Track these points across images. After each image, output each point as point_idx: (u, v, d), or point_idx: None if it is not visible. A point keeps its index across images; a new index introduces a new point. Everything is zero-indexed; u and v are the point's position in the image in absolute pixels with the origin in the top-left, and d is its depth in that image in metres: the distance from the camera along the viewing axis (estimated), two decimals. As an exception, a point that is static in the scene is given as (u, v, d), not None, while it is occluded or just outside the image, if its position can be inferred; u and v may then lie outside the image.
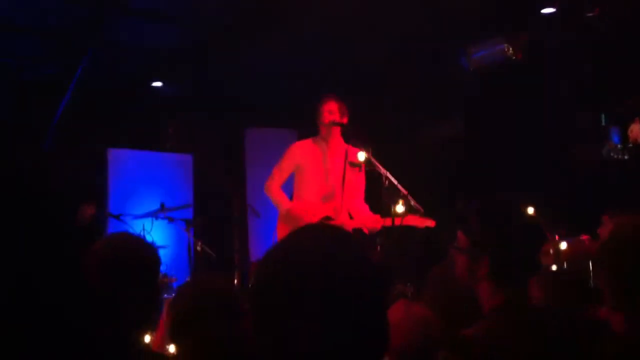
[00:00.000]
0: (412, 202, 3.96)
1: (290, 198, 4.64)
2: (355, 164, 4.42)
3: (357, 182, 4.60)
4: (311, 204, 4.50)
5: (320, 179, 4.53)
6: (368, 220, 4.37)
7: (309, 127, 4.75)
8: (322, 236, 1.14)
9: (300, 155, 4.58)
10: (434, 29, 5.48)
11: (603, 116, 5.74)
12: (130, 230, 5.02)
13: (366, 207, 4.60)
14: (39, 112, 6.20)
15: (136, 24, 5.44)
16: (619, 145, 5.42)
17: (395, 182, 3.99)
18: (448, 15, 5.30)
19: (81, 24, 5.30)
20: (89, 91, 6.19)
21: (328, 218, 4.41)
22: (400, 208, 3.88)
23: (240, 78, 6.51)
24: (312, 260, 1.07)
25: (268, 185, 4.63)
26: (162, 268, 5.25)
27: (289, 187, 4.73)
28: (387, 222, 4.14)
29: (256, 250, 6.89)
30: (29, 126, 6.13)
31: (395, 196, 4.01)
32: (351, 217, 4.52)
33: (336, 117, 4.44)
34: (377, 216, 4.30)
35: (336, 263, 1.07)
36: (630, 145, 5.35)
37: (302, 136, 5.03)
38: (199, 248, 5.34)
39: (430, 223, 4.12)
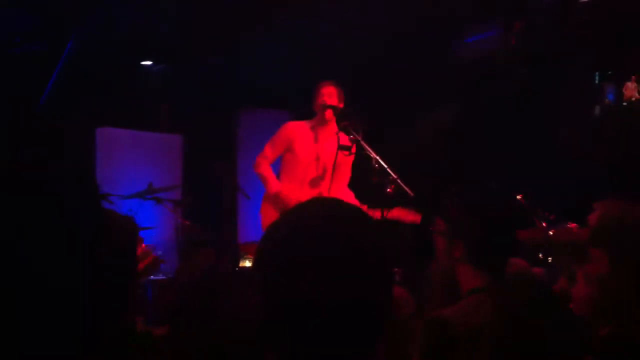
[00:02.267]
0: (402, 186, 3.96)
1: (278, 177, 4.63)
2: (345, 147, 4.42)
3: (345, 167, 4.61)
4: (298, 187, 4.50)
5: (310, 161, 4.54)
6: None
7: (302, 110, 4.73)
8: (330, 210, 1.10)
9: (293, 134, 4.58)
10: (430, 15, 5.45)
11: (597, 75, 5.69)
12: (116, 210, 4.99)
13: (351, 193, 4.61)
14: (28, 87, 6.13)
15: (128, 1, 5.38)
16: (612, 103, 5.42)
17: (385, 166, 3.99)
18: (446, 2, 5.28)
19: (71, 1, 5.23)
20: (78, 69, 6.11)
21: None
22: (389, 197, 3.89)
23: (235, 58, 6.46)
24: (316, 233, 1.04)
25: (258, 162, 4.63)
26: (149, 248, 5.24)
27: (277, 166, 4.72)
28: (374, 213, 4.14)
29: (245, 232, 6.88)
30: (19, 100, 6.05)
31: (384, 180, 4.01)
32: None
33: (334, 101, 4.43)
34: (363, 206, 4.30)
35: (344, 237, 1.03)
36: (625, 103, 5.35)
37: (295, 118, 5.02)
38: (186, 229, 5.32)
39: (416, 219, 4.12)
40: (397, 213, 4.07)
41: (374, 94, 6.28)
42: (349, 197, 4.57)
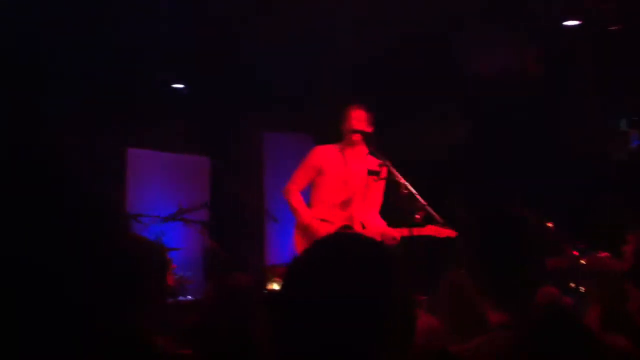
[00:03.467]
0: (431, 212, 3.93)
1: (309, 202, 4.62)
2: (374, 172, 4.41)
3: (375, 193, 4.56)
4: (328, 212, 4.46)
5: (339, 185, 4.50)
6: (383, 230, 4.35)
7: (325, 132, 4.73)
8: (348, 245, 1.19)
9: (322, 159, 4.56)
10: (444, 26, 5.47)
11: (623, 121, 5.69)
12: (147, 232, 5.05)
13: (382, 222, 4.54)
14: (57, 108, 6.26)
15: (155, 24, 5.47)
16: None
17: (414, 191, 3.98)
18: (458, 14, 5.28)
19: (101, 23, 5.34)
20: (109, 91, 6.23)
21: (347, 227, 4.39)
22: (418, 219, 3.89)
23: (259, 82, 6.53)
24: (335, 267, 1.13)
25: (288, 190, 4.61)
26: (178, 270, 5.29)
27: (307, 190, 4.71)
28: (406, 232, 4.16)
29: (272, 255, 6.88)
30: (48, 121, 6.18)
31: (413, 206, 4.00)
32: (363, 227, 4.49)
33: (363, 125, 4.42)
34: (395, 229, 4.29)
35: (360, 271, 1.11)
36: None
37: (317, 141, 5.02)
38: (214, 251, 5.35)
39: (451, 233, 4.08)
40: (432, 230, 4.04)
41: (394, 111, 6.27)
42: (379, 221, 4.53)
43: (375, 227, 4.41)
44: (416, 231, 4.07)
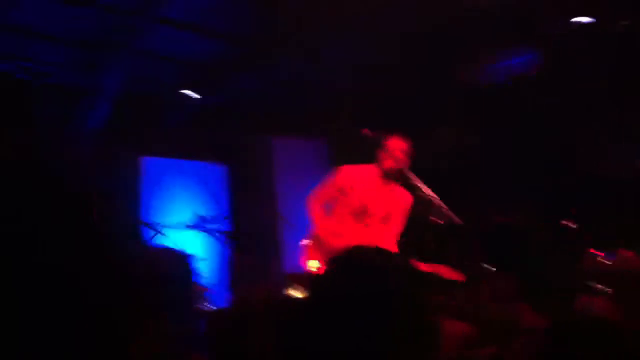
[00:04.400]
0: (452, 217, 3.90)
1: (330, 214, 4.57)
2: (390, 175, 4.35)
3: (396, 220, 4.42)
4: (345, 229, 4.40)
5: (359, 209, 4.39)
6: None
7: (336, 137, 4.70)
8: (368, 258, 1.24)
9: (347, 179, 4.45)
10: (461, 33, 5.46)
11: None
12: (164, 240, 5.07)
13: (396, 247, 4.47)
14: (75, 119, 6.32)
15: (170, 33, 5.51)
16: None
17: (432, 194, 3.94)
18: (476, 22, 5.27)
19: (117, 33, 5.38)
20: (124, 100, 6.26)
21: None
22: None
23: (270, 88, 6.55)
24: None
25: (309, 201, 4.55)
26: (198, 278, 5.29)
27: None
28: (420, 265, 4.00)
29: (290, 261, 6.86)
30: (67, 132, 6.24)
31: (430, 208, 3.97)
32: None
33: (400, 156, 4.29)
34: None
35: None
36: None
37: (330, 146, 4.99)
38: (236, 259, 5.36)
39: (459, 277, 3.94)
40: (441, 270, 3.94)
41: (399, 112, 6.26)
42: (394, 248, 4.44)
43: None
44: (426, 266, 3.88)
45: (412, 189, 4.12)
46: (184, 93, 6.84)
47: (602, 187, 5.52)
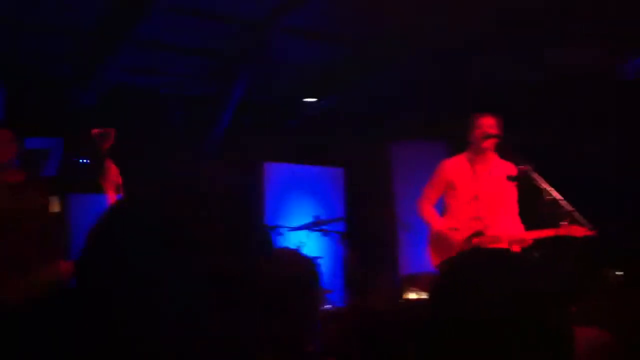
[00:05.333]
0: (579, 219, 3.73)
1: (442, 214, 4.57)
2: (512, 178, 4.27)
3: (510, 198, 4.42)
4: (463, 223, 4.39)
5: (472, 196, 4.42)
6: (513, 233, 4.22)
7: (457, 140, 4.65)
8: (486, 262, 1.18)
9: (451, 172, 4.50)
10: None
11: None
12: (286, 242, 5.20)
13: (520, 225, 4.40)
14: (201, 126, 6.65)
15: (291, 42, 5.64)
16: None
17: (560, 197, 3.79)
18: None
19: (241, 44, 5.59)
20: (247, 108, 6.51)
21: (479, 233, 4.30)
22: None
23: (388, 92, 6.55)
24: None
25: (419, 205, 4.62)
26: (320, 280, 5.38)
27: (441, 203, 4.66)
28: (539, 234, 4.05)
29: (407, 264, 6.84)
30: (192, 139, 6.57)
31: (558, 212, 3.83)
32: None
33: (494, 131, 4.32)
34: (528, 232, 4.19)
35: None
36: None
37: (450, 148, 4.94)
38: (351, 260, 5.41)
39: (588, 232, 3.85)
40: (568, 230, 3.85)
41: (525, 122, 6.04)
42: (518, 227, 4.38)
43: (507, 230, 4.28)
44: (549, 232, 3.94)
45: (539, 191, 3.99)
46: (304, 100, 7.01)
47: None
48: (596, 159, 5.93)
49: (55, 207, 3.68)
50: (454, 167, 4.51)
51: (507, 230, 4.34)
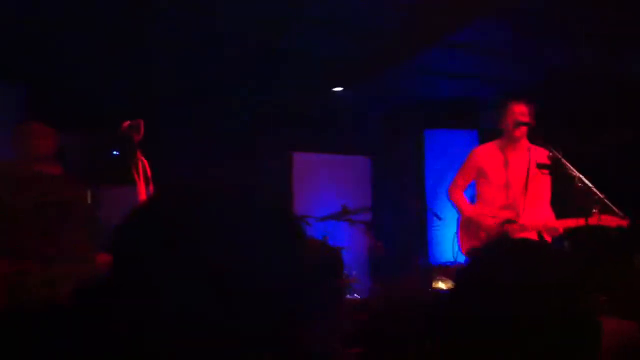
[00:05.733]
0: (610, 206, 3.67)
1: (473, 201, 4.57)
2: (543, 166, 4.22)
3: (542, 186, 4.38)
4: (494, 210, 4.38)
5: (503, 183, 4.39)
6: (544, 222, 4.17)
7: (488, 128, 4.62)
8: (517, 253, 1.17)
9: (482, 160, 4.49)
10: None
11: None
12: (312, 231, 5.23)
13: (551, 213, 4.36)
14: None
15: (317, 32, 5.63)
16: None
17: (590, 184, 3.73)
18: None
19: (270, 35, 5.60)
20: (275, 100, 6.54)
21: (509, 221, 4.27)
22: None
23: (419, 80, 6.50)
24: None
25: (450, 192, 4.64)
26: (344, 269, 5.40)
27: (472, 190, 4.65)
28: (571, 223, 4.00)
29: (436, 254, 6.81)
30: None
31: (589, 200, 3.77)
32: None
33: (526, 119, 4.27)
34: (560, 221, 4.13)
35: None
36: None
37: (482, 136, 4.90)
38: (378, 250, 5.41)
39: (623, 222, 3.80)
40: (600, 219, 3.79)
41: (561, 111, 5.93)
42: (548, 216, 4.33)
43: (538, 219, 4.24)
44: (580, 221, 3.89)
45: (571, 179, 3.93)
46: (332, 89, 6.99)
47: None
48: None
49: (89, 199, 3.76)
50: (486, 154, 4.50)
51: (538, 218, 4.31)
